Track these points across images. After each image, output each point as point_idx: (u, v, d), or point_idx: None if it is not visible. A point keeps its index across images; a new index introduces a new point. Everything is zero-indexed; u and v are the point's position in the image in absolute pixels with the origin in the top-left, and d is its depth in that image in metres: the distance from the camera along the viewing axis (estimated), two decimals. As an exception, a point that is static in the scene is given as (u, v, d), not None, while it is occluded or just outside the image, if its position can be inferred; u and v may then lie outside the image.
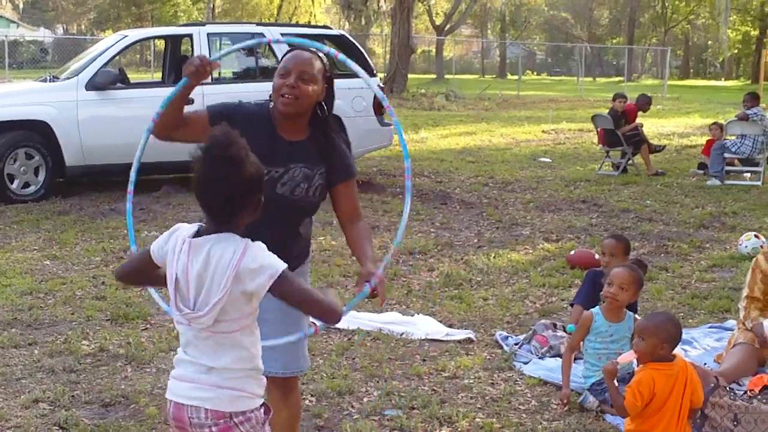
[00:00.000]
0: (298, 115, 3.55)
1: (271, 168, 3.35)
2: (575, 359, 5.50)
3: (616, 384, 4.13)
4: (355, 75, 12.37)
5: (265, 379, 2.89)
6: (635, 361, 4.28)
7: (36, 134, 10.56)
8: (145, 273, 2.96)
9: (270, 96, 3.59)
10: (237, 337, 2.80)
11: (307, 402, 4.88)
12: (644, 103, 15.17)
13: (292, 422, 3.73)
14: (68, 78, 11.08)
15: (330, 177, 3.65)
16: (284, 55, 3.60)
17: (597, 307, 5.16)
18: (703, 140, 16.34)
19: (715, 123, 14.69)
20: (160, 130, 3.51)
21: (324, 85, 3.60)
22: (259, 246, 2.75)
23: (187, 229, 2.83)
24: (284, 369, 3.62)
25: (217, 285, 2.71)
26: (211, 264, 2.73)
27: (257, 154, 2.85)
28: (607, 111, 14.67)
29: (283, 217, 3.56)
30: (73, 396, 4.90)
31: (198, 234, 2.80)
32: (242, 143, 2.73)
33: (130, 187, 3.70)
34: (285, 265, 2.73)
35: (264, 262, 2.72)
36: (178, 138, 3.54)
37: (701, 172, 13.84)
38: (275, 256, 2.75)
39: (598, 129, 14.63)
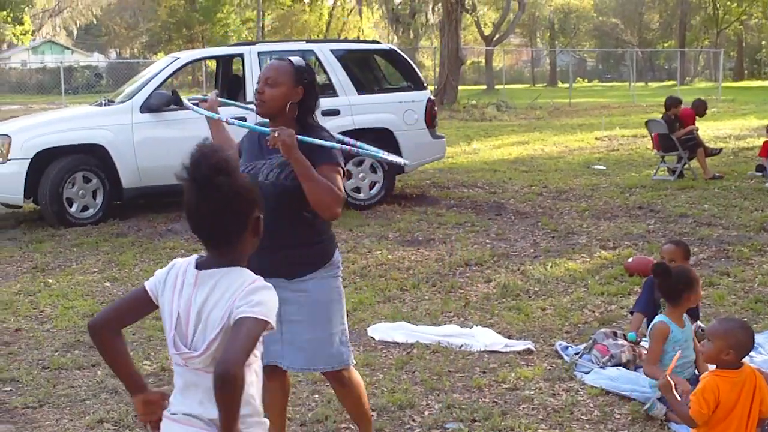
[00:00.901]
0: (271, 116, 3.93)
1: (256, 162, 3.93)
2: (636, 368, 5.45)
3: (678, 396, 4.06)
4: (407, 88, 12.39)
5: (267, 421, 2.79)
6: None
7: (93, 158, 10.72)
8: (137, 313, 2.82)
9: None
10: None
11: (368, 417, 4.87)
12: (700, 108, 14.99)
13: (357, 406, 4.20)
14: (123, 101, 11.23)
15: (309, 161, 3.82)
16: None
17: (663, 316, 5.08)
18: (760, 142, 16.06)
19: (773, 123, 14.48)
20: None
21: (299, 88, 3.92)
22: (269, 288, 2.62)
23: (184, 262, 2.68)
24: (309, 365, 4.03)
25: (213, 321, 2.56)
26: (213, 298, 2.58)
27: (249, 152, 3.88)
28: (661, 116, 14.50)
29: (270, 203, 3.67)
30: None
31: (198, 266, 2.64)
32: (229, 154, 2.64)
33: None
34: (271, 321, 2.58)
35: (263, 299, 2.55)
36: None
37: (759, 174, 13.61)
38: (272, 304, 2.60)
39: (653, 134, 14.47)
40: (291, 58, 4.00)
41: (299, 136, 3.71)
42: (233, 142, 4.27)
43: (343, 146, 3.89)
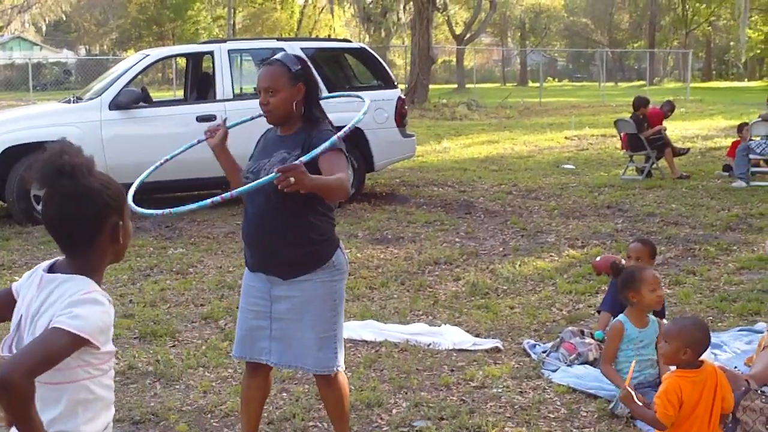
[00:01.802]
0: (282, 121, 3.98)
1: (261, 161, 3.96)
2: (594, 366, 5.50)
3: (639, 402, 4.10)
4: (377, 87, 12.40)
5: None
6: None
7: (61, 155, 10.64)
8: (3, 313, 2.58)
9: None
10: (63, 389, 2.38)
11: (336, 415, 4.88)
12: (668, 110, 15.14)
13: (338, 408, 4.20)
14: (92, 98, 11.16)
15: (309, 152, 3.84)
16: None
17: (622, 315, 5.13)
18: (728, 142, 16.25)
19: (743, 124, 14.58)
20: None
21: (299, 85, 3.93)
22: (100, 304, 2.39)
23: (44, 263, 2.53)
24: (296, 362, 4.06)
25: (40, 328, 2.34)
26: (46, 304, 2.39)
27: (257, 153, 3.99)
28: (630, 116, 14.61)
29: (276, 203, 3.84)
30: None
31: (48, 269, 2.48)
32: (82, 158, 2.45)
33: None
34: (89, 338, 2.32)
35: (85, 313, 2.31)
36: None
37: (726, 174, 13.75)
38: (95, 319, 2.35)
39: (621, 134, 14.58)
40: (279, 57, 3.97)
41: (302, 159, 3.60)
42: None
43: (339, 134, 3.84)
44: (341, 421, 4.26)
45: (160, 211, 3.77)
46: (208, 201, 3.59)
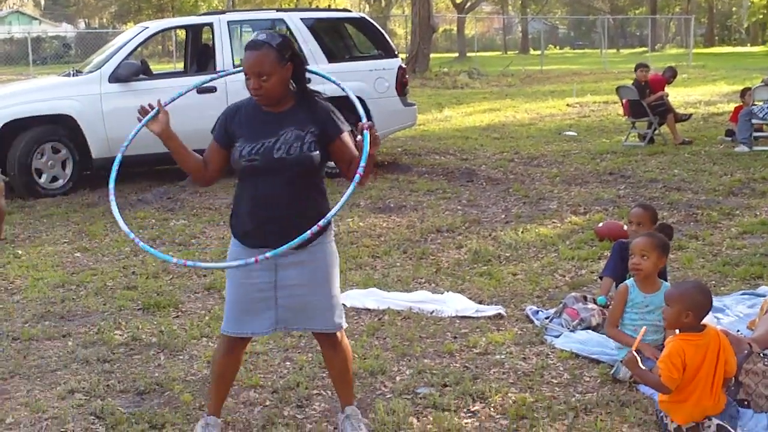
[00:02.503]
0: (276, 102, 3.93)
1: (264, 140, 3.87)
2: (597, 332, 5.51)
3: (643, 366, 4.10)
4: (378, 56, 12.36)
5: None
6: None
7: (62, 128, 10.64)
8: None
9: None
10: None
11: (340, 383, 4.89)
12: (670, 76, 15.07)
13: (345, 371, 4.25)
14: (91, 71, 11.13)
15: (326, 134, 3.95)
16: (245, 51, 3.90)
17: (631, 278, 5.14)
18: (730, 107, 16.20)
19: (746, 89, 14.52)
20: (199, 181, 4.11)
21: (288, 65, 3.89)
22: None
23: None
24: (308, 325, 4.09)
25: None
26: None
27: (251, 133, 3.81)
28: (632, 82, 14.55)
29: (291, 179, 3.87)
30: (107, 385, 4.95)
31: None
32: None
33: (111, 183, 4.14)
34: None
35: None
36: (217, 175, 4.08)
37: (729, 139, 13.71)
38: None
39: (623, 100, 14.53)
40: (263, 38, 3.88)
41: (366, 122, 3.79)
42: (193, 156, 4.04)
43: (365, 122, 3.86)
44: (347, 386, 4.29)
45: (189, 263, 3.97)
46: (252, 260, 3.74)
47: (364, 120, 3.83)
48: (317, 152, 3.90)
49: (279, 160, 3.83)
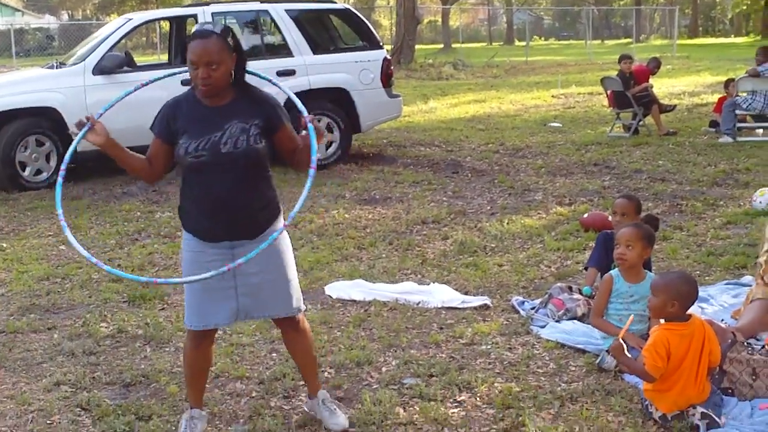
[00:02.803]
0: (219, 94, 3.90)
1: (209, 135, 3.84)
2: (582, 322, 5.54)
3: (629, 355, 4.13)
4: (362, 48, 12.35)
5: None
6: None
7: (46, 121, 10.58)
8: None
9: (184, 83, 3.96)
10: None
11: (326, 374, 4.90)
12: (654, 67, 15.10)
13: (308, 353, 4.35)
14: (75, 63, 11.08)
15: (269, 125, 3.94)
16: (189, 40, 3.92)
17: (616, 269, 5.16)
18: (714, 98, 16.26)
19: (730, 80, 14.55)
20: (148, 180, 4.13)
21: (233, 55, 3.90)
22: None
23: None
24: (270, 312, 4.15)
25: None
26: None
27: (195, 128, 3.75)
28: (616, 73, 14.58)
29: (238, 172, 3.89)
30: (93, 377, 4.94)
31: None
32: None
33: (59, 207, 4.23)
34: None
35: None
36: (163, 171, 4.07)
37: (713, 130, 13.76)
38: None
39: (608, 91, 14.56)
40: (210, 27, 3.90)
41: (306, 115, 3.85)
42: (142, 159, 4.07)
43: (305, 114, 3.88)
44: (313, 371, 4.39)
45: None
46: (224, 269, 3.76)
47: (306, 114, 3.88)
48: (263, 144, 3.91)
49: (226, 154, 3.82)
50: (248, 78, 4.03)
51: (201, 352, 4.16)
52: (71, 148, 4.13)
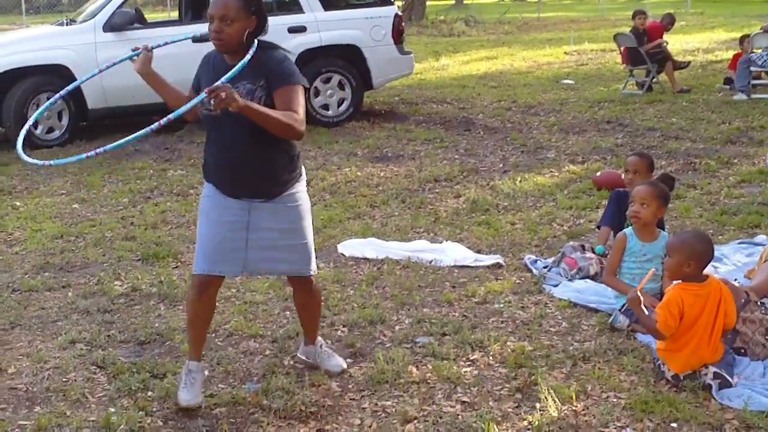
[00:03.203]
0: (232, 50, 3.91)
1: None
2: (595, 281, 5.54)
3: (645, 309, 4.13)
4: (373, 4, 12.23)
5: None
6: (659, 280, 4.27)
7: (57, 78, 10.54)
8: None
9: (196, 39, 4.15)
10: None
11: (339, 332, 4.92)
12: (668, 23, 14.95)
13: (317, 314, 4.50)
14: (85, 20, 11.03)
15: (269, 84, 3.91)
16: None
17: (630, 227, 5.15)
18: (729, 55, 16.10)
19: (745, 36, 14.40)
20: (186, 117, 3.95)
21: (252, 18, 3.91)
22: None
23: None
24: (287, 269, 4.22)
25: None
26: None
27: (210, 83, 3.67)
28: (630, 29, 14.45)
29: (249, 132, 3.87)
30: (108, 335, 4.97)
31: None
32: None
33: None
34: None
35: None
36: (197, 119, 4.14)
37: (727, 87, 13.65)
38: None
39: (621, 48, 14.43)
40: None
41: (225, 78, 3.66)
42: (180, 94, 4.18)
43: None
44: (316, 325, 4.53)
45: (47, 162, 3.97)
46: (147, 130, 3.70)
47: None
48: (269, 104, 3.87)
49: (233, 114, 3.71)
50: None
51: (204, 302, 4.16)
52: (118, 61, 4.27)
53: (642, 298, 4.09)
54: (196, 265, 4.11)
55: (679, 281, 4.19)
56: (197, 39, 4.37)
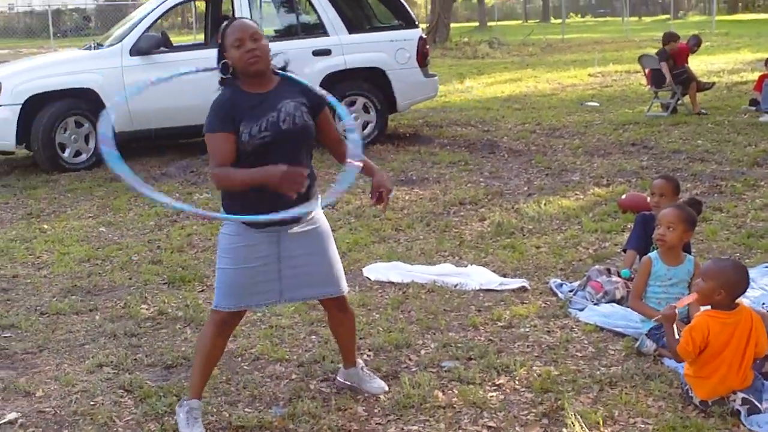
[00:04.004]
0: (266, 70, 3.95)
1: (267, 116, 3.88)
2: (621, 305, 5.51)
3: (675, 328, 4.11)
4: (398, 27, 12.27)
5: None
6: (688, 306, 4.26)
7: (84, 102, 10.66)
8: None
9: (224, 72, 3.98)
10: None
11: (365, 356, 4.92)
12: (694, 44, 14.90)
13: (352, 332, 4.49)
14: (112, 44, 11.14)
15: (313, 104, 4.04)
16: (224, 30, 3.99)
17: (655, 251, 5.13)
18: (754, 76, 16.04)
19: (772, 57, 14.34)
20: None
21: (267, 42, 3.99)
22: None
23: None
24: (319, 292, 4.22)
25: None
26: None
27: (251, 114, 3.81)
28: (656, 51, 14.41)
29: (295, 148, 3.95)
30: (135, 359, 5.00)
31: None
32: None
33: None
34: None
35: None
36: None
37: (753, 108, 13.58)
38: None
39: (646, 70, 14.41)
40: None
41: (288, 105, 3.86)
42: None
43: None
44: (354, 345, 4.54)
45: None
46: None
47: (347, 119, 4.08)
48: (313, 122, 4.02)
49: (287, 131, 3.89)
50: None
51: (222, 340, 4.15)
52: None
53: (677, 315, 4.08)
54: (221, 303, 4.06)
55: (708, 308, 4.17)
56: (207, 69, 4.40)
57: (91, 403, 4.46)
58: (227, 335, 4.19)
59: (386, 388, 4.44)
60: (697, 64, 17.47)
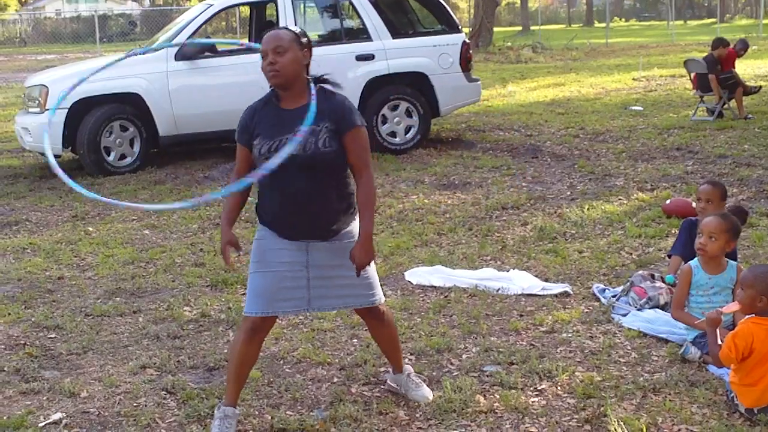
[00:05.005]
0: (289, 84, 3.89)
1: (281, 137, 3.83)
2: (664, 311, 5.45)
3: (718, 334, 4.06)
4: (441, 32, 12.31)
5: None
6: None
7: (129, 106, 10.77)
8: None
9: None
10: None
11: (406, 360, 4.91)
12: (741, 48, 14.72)
13: (393, 340, 4.44)
14: (158, 49, 11.23)
15: (338, 127, 3.89)
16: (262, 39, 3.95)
17: (695, 259, 5.07)
18: (802, 80, 15.83)
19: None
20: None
21: (305, 51, 3.93)
22: None
23: None
24: (352, 303, 4.21)
25: None
26: None
27: (268, 130, 3.79)
28: (703, 57, 14.25)
29: (310, 175, 3.86)
30: (178, 361, 5.03)
31: None
32: None
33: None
34: None
35: None
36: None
37: (801, 113, 13.40)
38: None
39: (692, 74, 14.26)
40: (282, 26, 4.02)
41: (303, 127, 3.72)
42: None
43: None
44: (398, 352, 4.48)
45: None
46: (219, 193, 3.86)
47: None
48: (334, 147, 3.87)
49: (292, 156, 3.73)
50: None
51: (254, 346, 4.12)
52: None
53: (723, 319, 4.03)
54: (250, 308, 4.07)
55: (752, 315, 4.11)
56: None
57: (135, 404, 4.50)
58: (258, 342, 4.16)
59: (430, 398, 4.39)
60: (743, 68, 17.26)
